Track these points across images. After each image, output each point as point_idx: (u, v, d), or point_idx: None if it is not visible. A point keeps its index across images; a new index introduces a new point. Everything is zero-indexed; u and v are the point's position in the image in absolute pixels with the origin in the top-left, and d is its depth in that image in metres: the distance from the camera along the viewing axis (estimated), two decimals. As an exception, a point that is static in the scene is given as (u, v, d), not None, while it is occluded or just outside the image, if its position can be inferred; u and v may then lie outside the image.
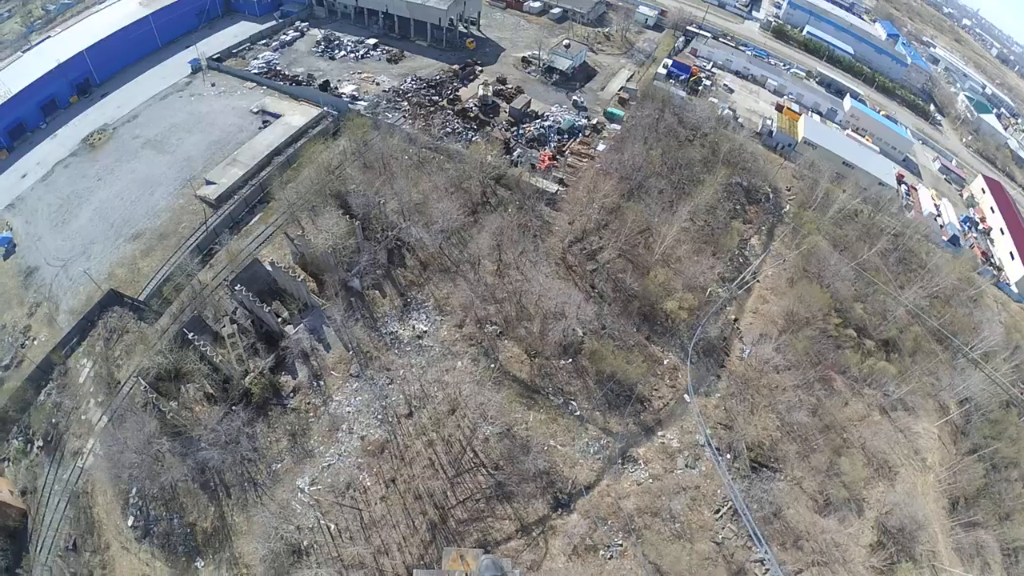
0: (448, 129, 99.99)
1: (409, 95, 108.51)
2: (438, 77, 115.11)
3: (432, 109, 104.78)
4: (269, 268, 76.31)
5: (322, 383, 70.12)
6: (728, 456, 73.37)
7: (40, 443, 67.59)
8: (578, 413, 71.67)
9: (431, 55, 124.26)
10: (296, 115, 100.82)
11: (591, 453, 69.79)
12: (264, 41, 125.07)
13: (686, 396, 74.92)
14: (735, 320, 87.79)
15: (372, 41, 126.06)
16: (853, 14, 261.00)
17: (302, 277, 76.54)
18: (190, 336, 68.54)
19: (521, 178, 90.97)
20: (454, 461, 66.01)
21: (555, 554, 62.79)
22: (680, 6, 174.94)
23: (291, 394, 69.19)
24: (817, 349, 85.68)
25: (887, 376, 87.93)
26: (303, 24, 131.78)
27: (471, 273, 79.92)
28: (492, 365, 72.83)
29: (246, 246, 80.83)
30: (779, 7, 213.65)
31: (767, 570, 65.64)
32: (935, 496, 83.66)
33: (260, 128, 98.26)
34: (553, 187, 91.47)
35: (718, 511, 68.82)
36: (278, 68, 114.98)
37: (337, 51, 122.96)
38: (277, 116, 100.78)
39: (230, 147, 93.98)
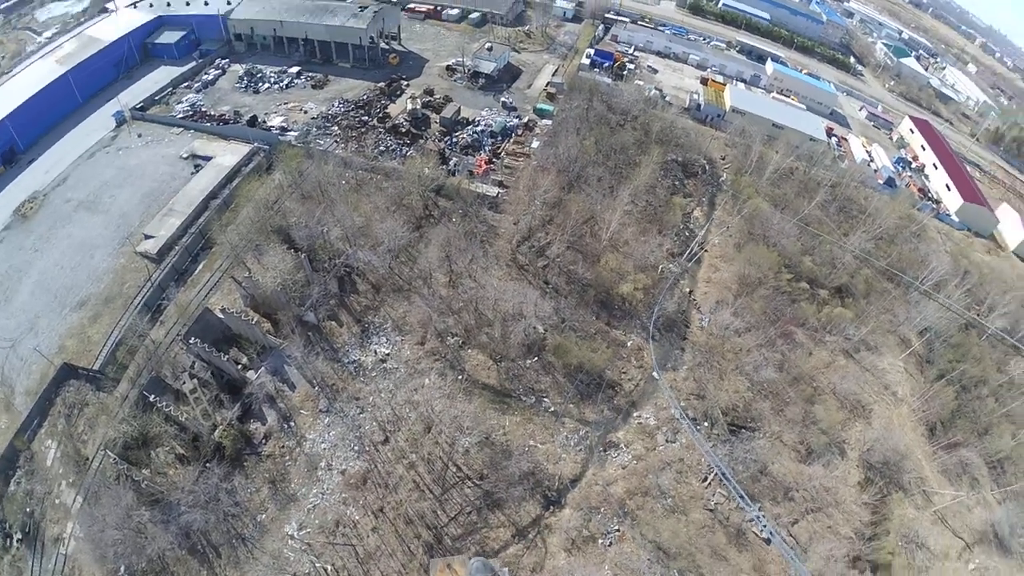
0: (382, 147, 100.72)
1: (338, 119, 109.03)
2: (365, 97, 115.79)
3: (363, 130, 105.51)
4: (221, 315, 75.94)
5: (293, 424, 70.06)
6: (706, 424, 75.48)
7: (19, 536, 65.95)
8: (552, 409, 72.93)
9: (355, 76, 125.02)
10: (227, 155, 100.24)
11: (572, 446, 71.08)
12: (186, 84, 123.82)
13: (654, 374, 76.71)
14: (690, 292, 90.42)
15: (295, 69, 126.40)
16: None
17: (256, 319, 76.46)
18: (152, 398, 67.93)
19: (461, 186, 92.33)
20: (439, 479, 66.46)
21: (555, 552, 63.64)
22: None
23: (263, 441, 68.94)
24: (773, 307, 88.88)
25: (845, 321, 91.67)
26: (223, 61, 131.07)
27: (425, 288, 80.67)
28: (460, 376, 73.70)
29: (194, 296, 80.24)
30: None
31: (764, 526, 67.69)
32: (912, 425, 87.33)
33: (192, 173, 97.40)
34: (493, 190, 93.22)
35: (705, 479, 70.73)
36: (203, 109, 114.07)
37: (261, 84, 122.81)
38: (208, 159, 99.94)
39: (164, 197, 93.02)
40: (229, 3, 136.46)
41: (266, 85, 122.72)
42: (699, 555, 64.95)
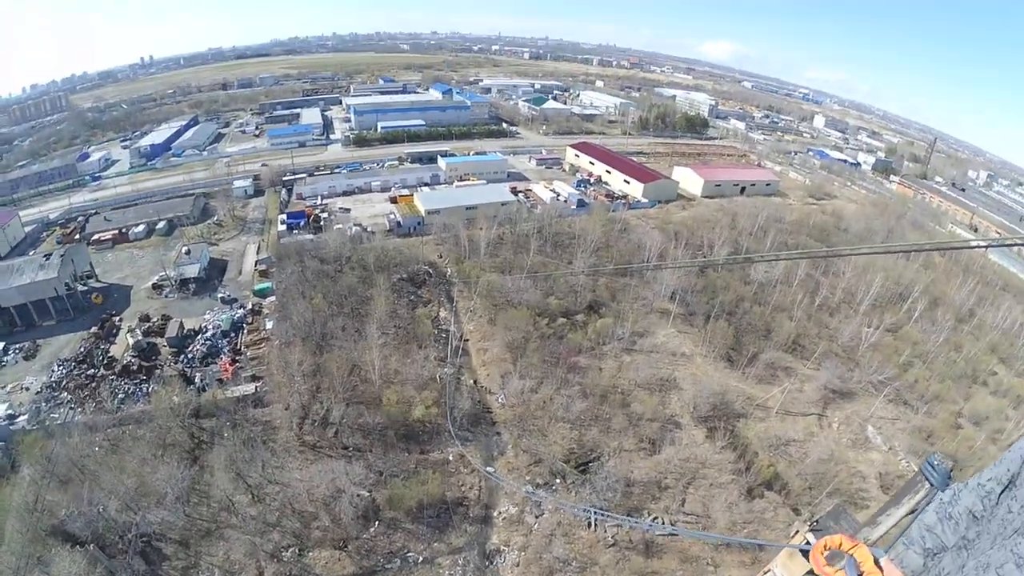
0: (120, 395, 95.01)
1: (64, 382, 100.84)
2: (83, 348, 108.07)
3: (93, 384, 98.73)
4: None
5: None
6: (558, 481, 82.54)
7: None
8: (420, 559, 74.06)
9: (64, 330, 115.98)
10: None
11: (460, 578, 72.88)
12: None
13: (487, 470, 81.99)
14: (475, 382, 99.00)
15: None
16: (407, 93, 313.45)
17: (77, 645, 66.55)
18: None
19: (216, 399, 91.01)
20: None
21: None
22: (268, 163, 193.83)
23: None
24: (549, 352, 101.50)
25: (609, 328, 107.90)
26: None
27: (233, 518, 76.80)
28: (316, 588, 71.79)
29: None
30: (349, 120, 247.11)
31: (662, 523, 76.13)
32: (713, 367, 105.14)
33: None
34: (250, 387, 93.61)
35: (589, 524, 76.43)
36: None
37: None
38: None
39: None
40: None
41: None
42: (631, 585, 69.53)
